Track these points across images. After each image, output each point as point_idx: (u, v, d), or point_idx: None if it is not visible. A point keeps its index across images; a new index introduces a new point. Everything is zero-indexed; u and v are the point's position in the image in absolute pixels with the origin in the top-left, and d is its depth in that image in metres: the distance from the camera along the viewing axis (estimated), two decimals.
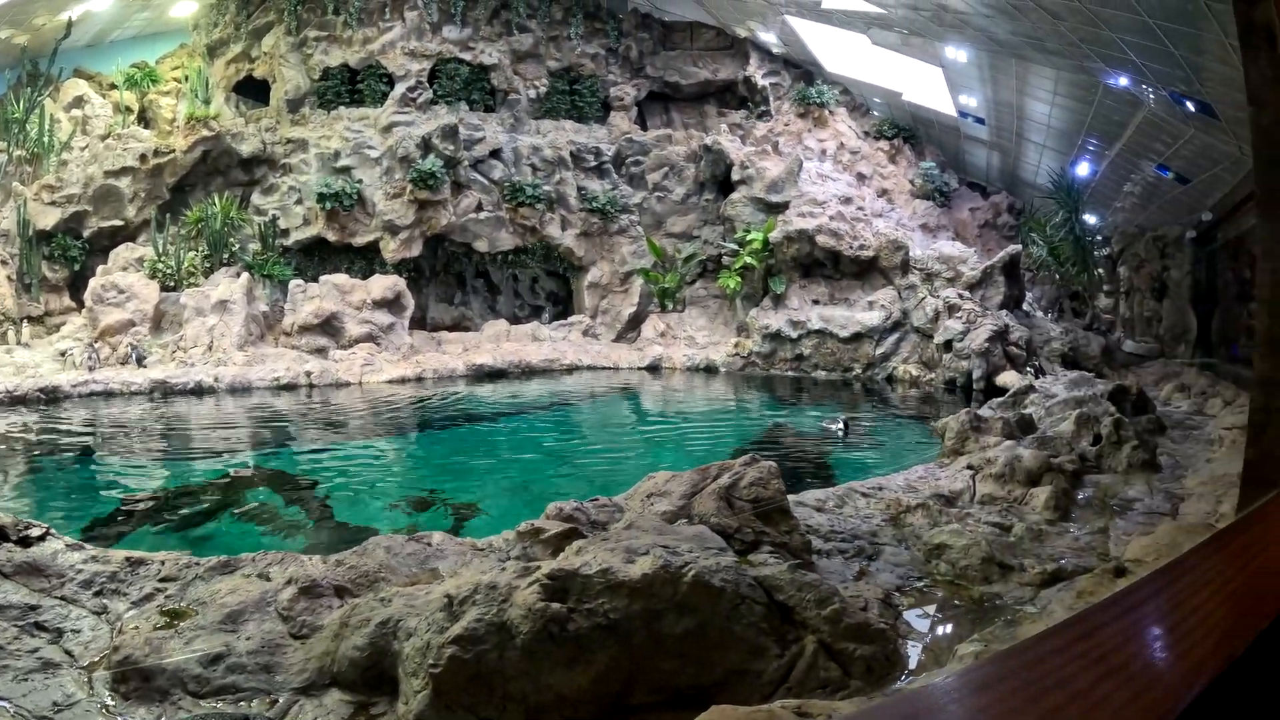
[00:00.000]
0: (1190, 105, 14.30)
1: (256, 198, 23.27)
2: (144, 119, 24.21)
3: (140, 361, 18.74)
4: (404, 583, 5.47)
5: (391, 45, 24.13)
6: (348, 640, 4.65)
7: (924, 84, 22.90)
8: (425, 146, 22.83)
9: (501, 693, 4.11)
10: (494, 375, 20.83)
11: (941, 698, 1.25)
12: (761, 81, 27.84)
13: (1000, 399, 14.20)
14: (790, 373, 21.44)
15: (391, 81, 24.13)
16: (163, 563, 5.89)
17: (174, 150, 22.21)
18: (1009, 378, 17.75)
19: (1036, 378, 17.21)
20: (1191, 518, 7.47)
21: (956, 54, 19.45)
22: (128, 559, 5.86)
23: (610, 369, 22.11)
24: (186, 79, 24.34)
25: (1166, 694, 1.25)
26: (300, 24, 24.04)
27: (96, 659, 4.78)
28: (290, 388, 18.48)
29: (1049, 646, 1.39)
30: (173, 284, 20.62)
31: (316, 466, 12.30)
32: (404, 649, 4.40)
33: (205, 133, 22.41)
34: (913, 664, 4.85)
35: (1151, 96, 15.40)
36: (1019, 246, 22.75)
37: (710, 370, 21.93)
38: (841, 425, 13.96)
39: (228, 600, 5.24)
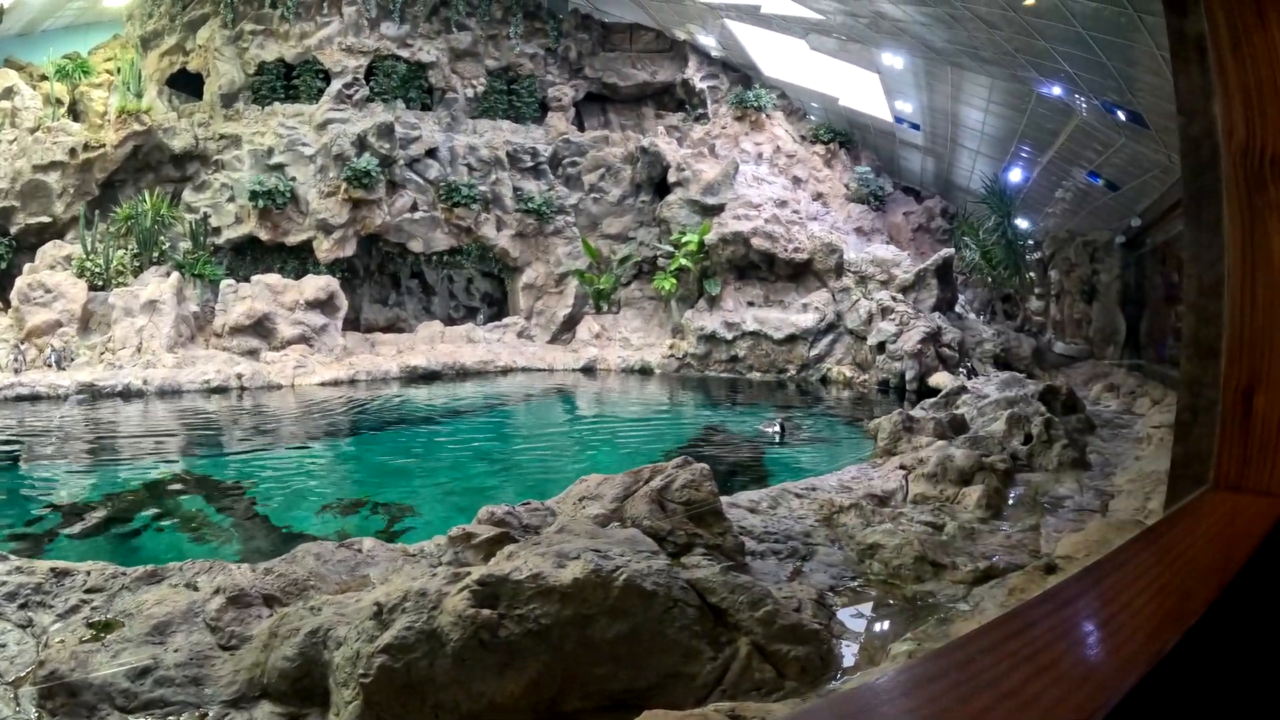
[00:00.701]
0: (1121, 114, 14.61)
1: (188, 195, 22.75)
2: (75, 112, 23.47)
3: (60, 364, 18.21)
4: (334, 590, 5.36)
5: (328, 41, 23.79)
6: (277, 651, 4.53)
7: (861, 89, 23.14)
8: (360, 145, 22.54)
9: (433, 702, 4.03)
10: (428, 377, 20.62)
11: (873, 698, 1.21)
12: (700, 84, 27.95)
13: (933, 400, 14.37)
14: (725, 374, 21.54)
15: (328, 78, 23.79)
16: (89, 573, 5.73)
17: (104, 145, 21.58)
18: (942, 379, 17.98)
19: (969, 379, 17.46)
20: (1121, 514, 7.61)
21: (893, 60, 19.68)
22: (53, 570, 5.70)
23: (545, 370, 22.04)
24: (119, 71, 23.67)
25: (1097, 691, 1.23)
26: (236, 17, 23.55)
27: (22, 674, 4.61)
28: (221, 390, 18.10)
29: (979, 645, 1.37)
30: (101, 283, 20.02)
31: (248, 471, 12.03)
32: (334, 659, 4.30)
33: (137, 127, 21.80)
34: (847, 664, 4.85)
35: (1084, 105, 15.71)
36: (952, 250, 23.07)
37: (645, 372, 21.95)
38: (778, 428, 14.02)
39: (155, 611, 5.11)
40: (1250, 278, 2.61)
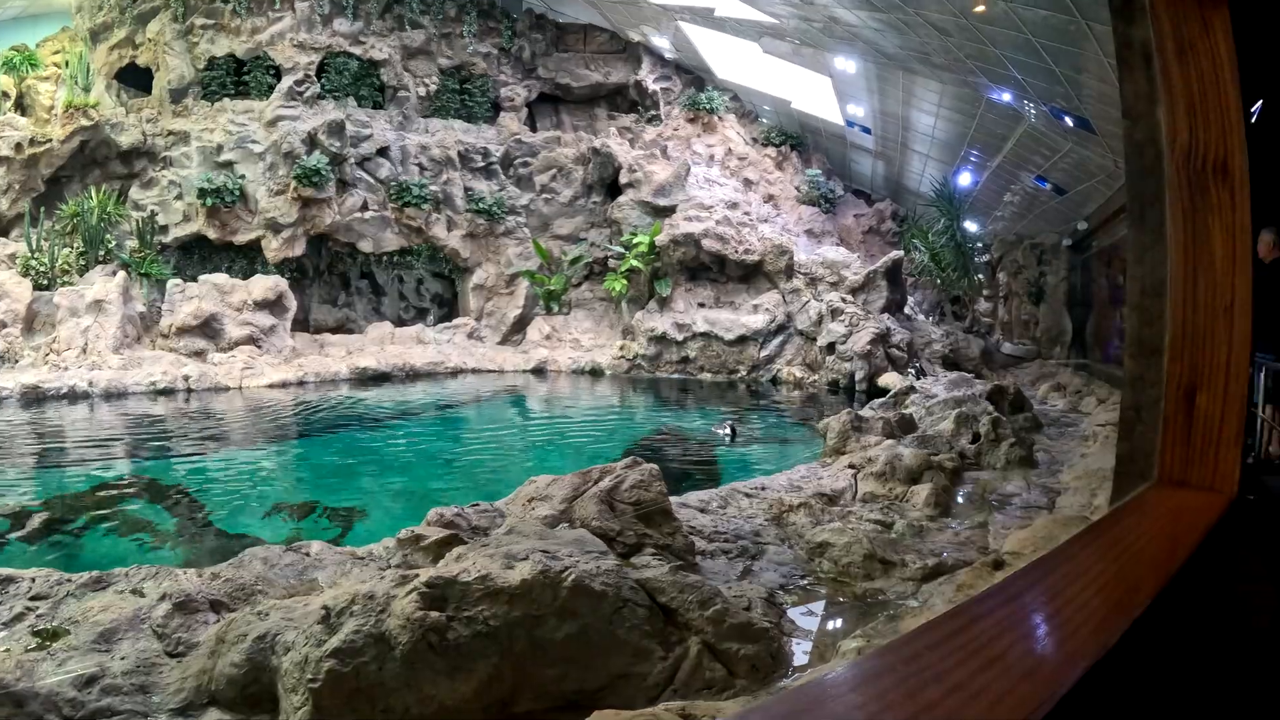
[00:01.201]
0: (1069, 120, 14.86)
1: (135, 192, 22.29)
2: (21, 106, 22.91)
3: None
4: (282, 595, 5.29)
5: (280, 36, 23.45)
6: (224, 657, 4.45)
7: (813, 93, 23.31)
8: (311, 142, 22.28)
9: (383, 705, 3.99)
10: (378, 379, 20.43)
11: (821, 694, 1.21)
12: (652, 86, 27.98)
13: (882, 400, 14.53)
14: (676, 375, 21.58)
15: (279, 74, 23.43)
16: (33, 580, 5.61)
17: (51, 140, 21.04)
18: (891, 379, 18.17)
19: (917, 379, 17.67)
20: (1068, 511, 7.71)
21: (845, 65, 19.84)
22: None
23: (495, 372, 21.94)
24: (67, 64, 23.12)
25: (1043, 684, 1.25)
26: (187, 10, 23.07)
27: None
28: (168, 392, 17.78)
29: (927, 640, 1.37)
30: (46, 283, 19.57)
31: (195, 475, 11.84)
32: (282, 664, 4.23)
33: (84, 122, 21.30)
34: (797, 662, 4.87)
35: (1032, 111, 15.95)
36: (901, 252, 23.31)
37: (596, 373, 21.94)
38: (728, 430, 14.06)
39: (101, 618, 5.02)
40: (1192, 279, 2.67)
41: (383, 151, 23.64)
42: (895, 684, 1.23)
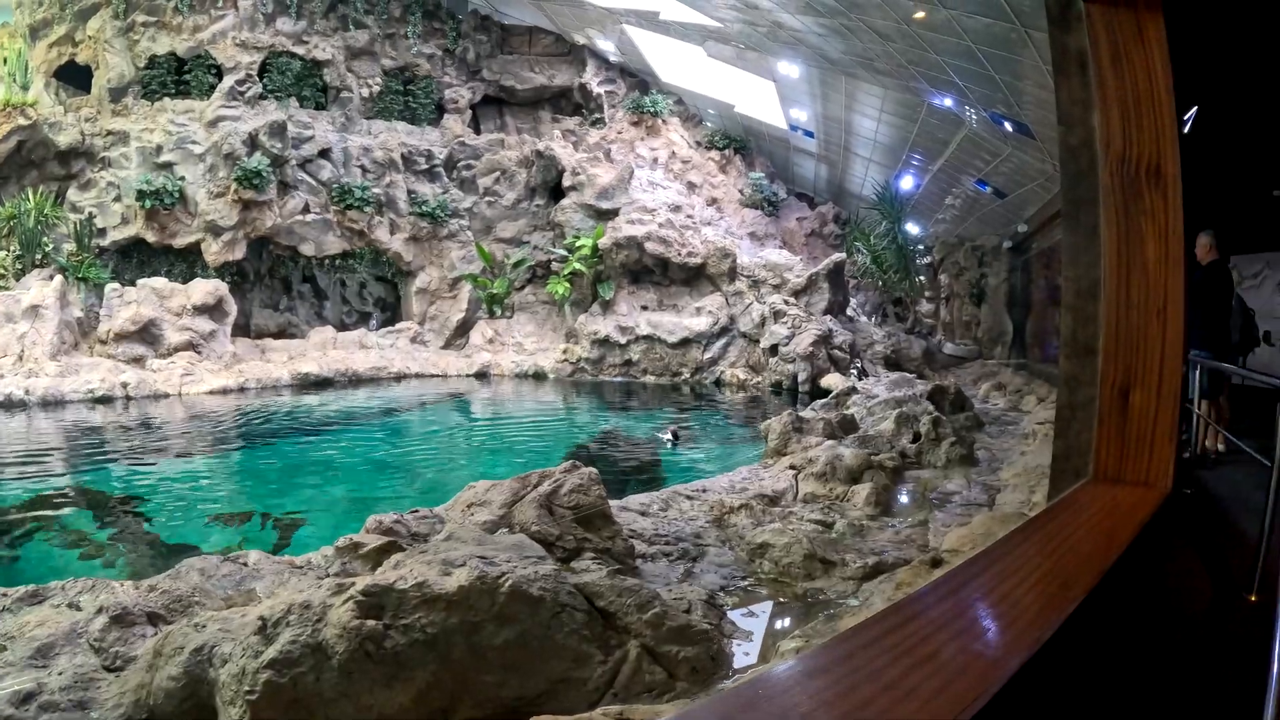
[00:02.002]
0: (1009, 125, 15.09)
1: (73, 194, 21.80)
2: None
3: None
4: (219, 606, 5.20)
5: (222, 35, 23.06)
6: (162, 670, 4.35)
7: (756, 97, 23.44)
8: (252, 144, 21.94)
9: (322, 716, 3.92)
10: (320, 384, 20.19)
11: (755, 695, 1.20)
12: (597, 89, 27.95)
13: (824, 400, 14.62)
14: (619, 378, 21.58)
15: (220, 73, 23.05)
16: None
17: None
18: (833, 380, 18.31)
19: (859, 379, 17.82)
20: (1007, 507, 7.79)
21: (789, 69, 19.98)
22: None
23: (439, 376, 21.83)
24: (5, 62, 22.52)
25: (977, 680, 1.25)
26: (129, 7, 22.62)
27: None
28: (106, 400, 17.43)
29: (862, 639, 1.37)
30: None
31: (134, 484, 11.59)
32: (220, 676, 4.15)
33: (21, 121, 20.77)
34: (738, 663, 4.87)
35: (973, 117, 16.17)
36: (844, 255, 23.53)
37: (539, 377, 21.88)
38: (670, 436, 14.05)
39: (37, 633, 4.93)
40: (1125, 280, 2.72)
41: (325, 153, 23.37)
42: (830, 684, 1.22)
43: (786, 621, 5.58)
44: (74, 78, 23.47)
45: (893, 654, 1.30)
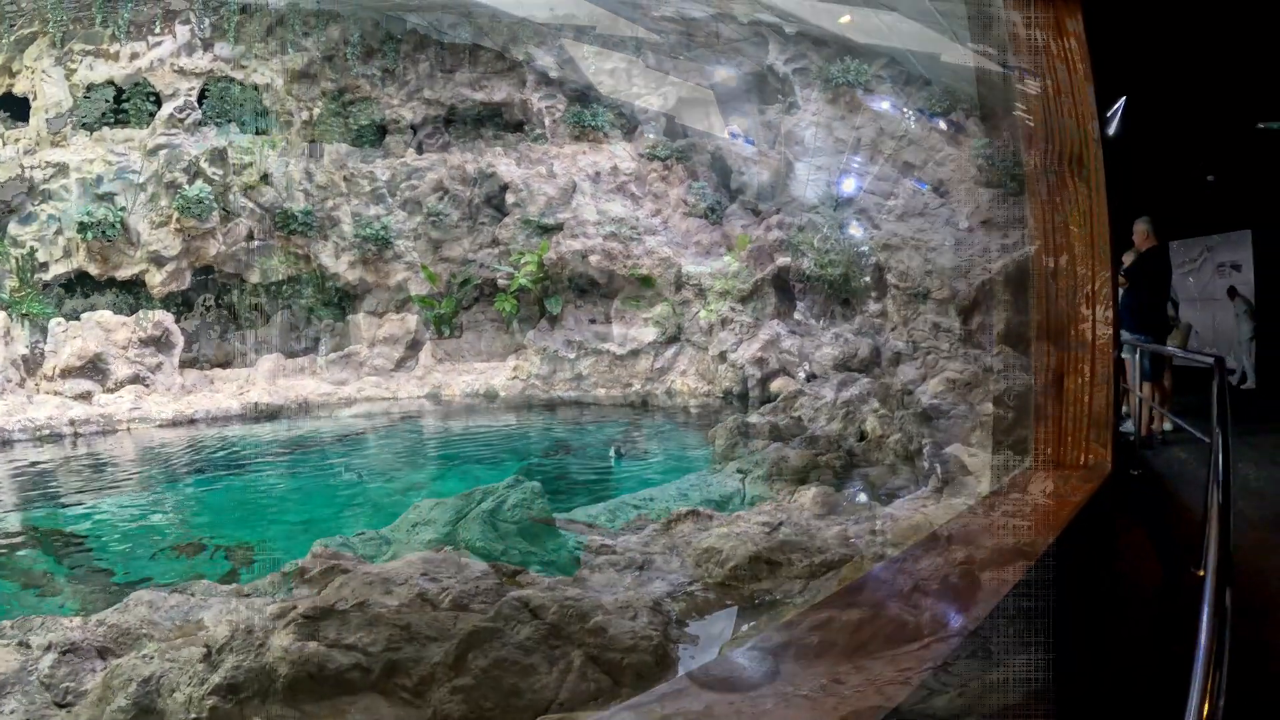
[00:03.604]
0: (943, 124, 15.50)
1: (14, 228, 21.38)
2: None
3: None
4: (168, 637, 5.30)
5: (161, 62, 22.78)
6: (112, 704, 4.44)
7: (696, 106, 23.72)
8: (193, 171, 21.83)
9: None
10: (271, 414, 20.11)
11: (684, 689, 1.36)
12: (538, 104, 28.02)
13: (771, 404, 14.88)
14: (570, 393, 21.68)
15: (159, 101, 22.85)
16: None
17: None
18: (782, 384, 18.60)
19: (808, 382, 18.11)
20: (953, 499, 8.02)
21: (727, 77, 20.29)
22: None
23: (389, 399, 21.74)
24: None
25: (903, 670, 1.36)
26: (66, 35, 22.32)
27: None
28: (54, 438, 17.23)
29: (795, 632, 1.50)
30: None
31: (85, 521, 11.56)
32: (168, 706, 4.26)
33: None
34: (684, 667, 4.96)
35: (910, 116, 16.58)
36: (789, 259, 23.80)
37: (490, 396, 21.88)
38: (614, 452, 14.19)
39: None
40: (1053, 269, 2.90)
41: (266, 178, 23.29)
42: (765, 678, 1.37)
43: (733, 623, 5.75)
44: (12, 108, 23.06)
45: (824, 645, 1.42)
